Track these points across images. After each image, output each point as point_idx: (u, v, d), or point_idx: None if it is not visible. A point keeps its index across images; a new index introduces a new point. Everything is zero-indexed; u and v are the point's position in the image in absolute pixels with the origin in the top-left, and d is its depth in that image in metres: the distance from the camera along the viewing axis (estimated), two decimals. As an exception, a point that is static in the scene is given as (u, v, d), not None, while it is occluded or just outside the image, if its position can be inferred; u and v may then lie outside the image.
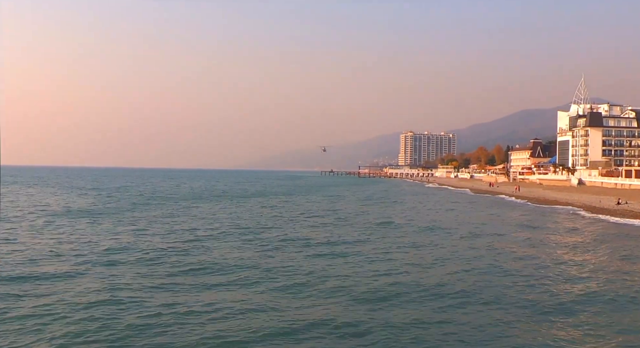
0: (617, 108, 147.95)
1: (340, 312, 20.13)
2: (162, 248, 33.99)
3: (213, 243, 37.05)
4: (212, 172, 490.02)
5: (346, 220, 56.45)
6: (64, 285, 23.54)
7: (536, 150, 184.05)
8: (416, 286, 24.59)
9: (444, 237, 43.03)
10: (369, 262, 30.73)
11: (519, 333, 18.12)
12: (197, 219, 54.25)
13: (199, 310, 19.91)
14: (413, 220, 57.27)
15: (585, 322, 19.74)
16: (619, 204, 69.81)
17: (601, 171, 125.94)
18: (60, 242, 35.85)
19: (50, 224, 46.49)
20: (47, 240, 36.95)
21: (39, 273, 25.79)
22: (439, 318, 19.70)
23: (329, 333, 17.78)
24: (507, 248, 37.15)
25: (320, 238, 40.82)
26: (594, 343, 17.46)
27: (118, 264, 28.62)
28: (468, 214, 66.89)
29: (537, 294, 23.53)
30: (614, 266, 31.20)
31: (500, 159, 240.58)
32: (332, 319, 19.08)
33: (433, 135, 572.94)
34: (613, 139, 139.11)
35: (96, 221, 50.00)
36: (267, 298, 21.84)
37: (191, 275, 26.15)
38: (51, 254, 31.22)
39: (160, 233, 41.85)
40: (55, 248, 33.06)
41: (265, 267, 28.34)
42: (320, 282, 25.18)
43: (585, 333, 18.47)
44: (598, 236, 45.19)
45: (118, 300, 20.99)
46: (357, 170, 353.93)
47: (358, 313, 20.05)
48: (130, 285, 23.70)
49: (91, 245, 34.74)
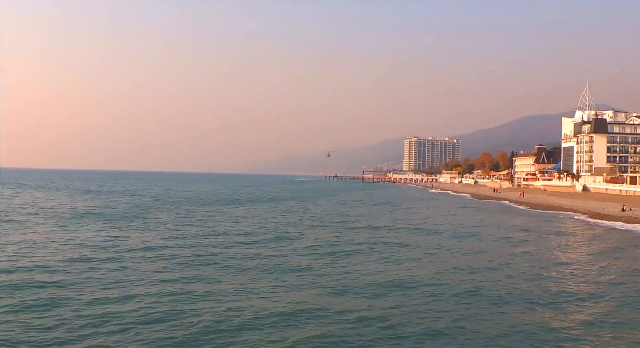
0: (622, 114, 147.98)
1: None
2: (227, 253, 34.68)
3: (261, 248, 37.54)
4: (214, 176, 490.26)
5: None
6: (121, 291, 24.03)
7: (540, 156, 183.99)
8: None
9: (453, 241, 43.50)
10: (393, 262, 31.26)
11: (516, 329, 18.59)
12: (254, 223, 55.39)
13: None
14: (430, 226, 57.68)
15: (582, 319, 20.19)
16: (623, 210, 69.99)
17: (606, 177, 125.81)
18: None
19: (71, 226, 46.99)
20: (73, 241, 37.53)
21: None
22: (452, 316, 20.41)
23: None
24: (504, 255, 37.53)
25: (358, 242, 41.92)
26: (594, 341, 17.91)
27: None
28: (470, 220, 67.23)
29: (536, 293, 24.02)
30: (616, 272, 31.53)
31: (505, 165, 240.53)
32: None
33: (437, 141, 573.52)
34: (618, 146, 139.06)
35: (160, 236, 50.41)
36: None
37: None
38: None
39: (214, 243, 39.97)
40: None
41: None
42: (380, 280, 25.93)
43: (584, 332, 18.91)
44: (601, 242, 45.48)
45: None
46: (361, 175, 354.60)
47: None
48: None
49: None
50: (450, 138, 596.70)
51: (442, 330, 18.82)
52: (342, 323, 19.33)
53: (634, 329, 19.41)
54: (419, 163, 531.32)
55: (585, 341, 18.01)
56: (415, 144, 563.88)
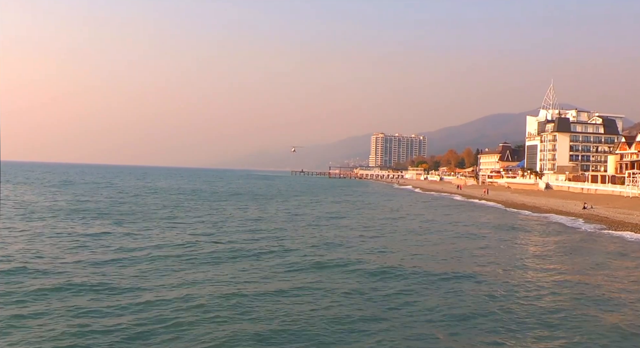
0: (584, 114, 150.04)
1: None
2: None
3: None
4: (180, 171, 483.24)
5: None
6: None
7: (505, 154, 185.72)
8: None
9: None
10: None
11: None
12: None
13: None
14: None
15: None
16: (584, 208, 70.21)
17: (568, 176, 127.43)
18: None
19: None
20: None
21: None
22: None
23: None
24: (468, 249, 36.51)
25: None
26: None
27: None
28: (433, 216, 66.45)
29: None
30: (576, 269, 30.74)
31: (470, 162, 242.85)
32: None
33: (404, 137, 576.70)
34: (580, 145, 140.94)
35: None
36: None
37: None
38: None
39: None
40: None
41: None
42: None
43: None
44: (558, 238, 45.04)
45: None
46: (328, 171, 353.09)
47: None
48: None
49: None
50: (416, 135, 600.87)
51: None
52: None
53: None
54: (385, 159, 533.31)
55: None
56: (382, 140, 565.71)
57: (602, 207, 71.77)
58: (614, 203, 77.18)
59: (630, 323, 19.85)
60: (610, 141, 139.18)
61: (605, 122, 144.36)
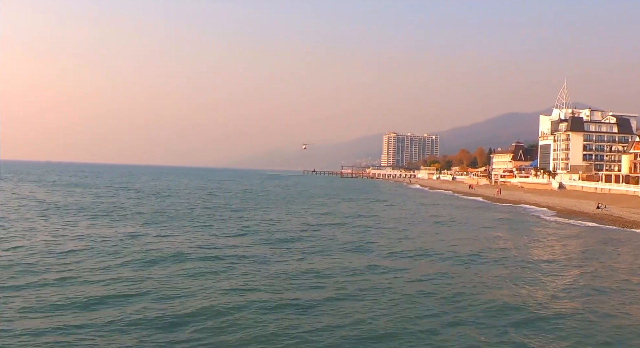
0: (598, 113, 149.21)
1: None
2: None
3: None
4: (195, 171, 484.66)
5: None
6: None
7: (518, 154, 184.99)
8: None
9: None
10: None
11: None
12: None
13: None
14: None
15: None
16: (598, 208, 70.19)
17: (581, 175, 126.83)
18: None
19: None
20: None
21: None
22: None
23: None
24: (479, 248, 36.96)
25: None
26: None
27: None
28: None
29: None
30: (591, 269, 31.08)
31: (482, 162, 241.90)
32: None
33: (416, 137, 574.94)
34: (594, 144, 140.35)
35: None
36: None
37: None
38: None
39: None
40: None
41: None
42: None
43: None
44: (573, 239, 45.28)
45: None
46: (340, 171, 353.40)
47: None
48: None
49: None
50: (428, 134, 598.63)
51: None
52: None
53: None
54: (397, 159, 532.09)
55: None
56: (394, 139, 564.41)
57: (616, 206, 71.71)
58: (628, 203, 77.00)
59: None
60: (624, 140, 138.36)
61: (619, 121, 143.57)
